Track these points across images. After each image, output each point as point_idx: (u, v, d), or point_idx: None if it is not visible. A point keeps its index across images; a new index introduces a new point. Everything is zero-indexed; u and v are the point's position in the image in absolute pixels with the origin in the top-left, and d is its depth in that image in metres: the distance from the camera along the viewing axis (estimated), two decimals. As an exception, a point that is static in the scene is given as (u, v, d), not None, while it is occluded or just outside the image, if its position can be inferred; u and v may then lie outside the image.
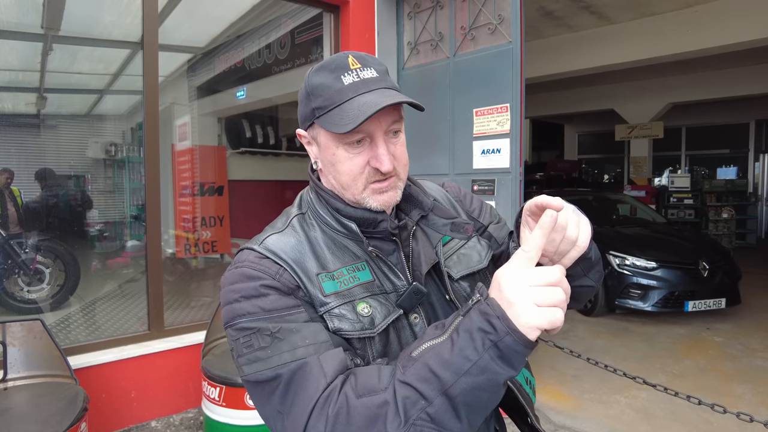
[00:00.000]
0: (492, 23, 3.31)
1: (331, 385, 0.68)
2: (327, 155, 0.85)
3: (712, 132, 12.22)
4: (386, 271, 0.85)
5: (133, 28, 4.12)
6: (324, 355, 0.72)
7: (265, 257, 0.81)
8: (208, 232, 5.15)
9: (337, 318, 0.78)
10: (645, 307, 5.20)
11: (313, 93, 0.82)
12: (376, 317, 0.80)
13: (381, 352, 0.80)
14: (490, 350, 0.61)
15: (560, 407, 3.40)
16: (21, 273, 4.06)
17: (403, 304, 0.83)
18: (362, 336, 0.78)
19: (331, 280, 0.81)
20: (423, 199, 0.93)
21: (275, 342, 0.73)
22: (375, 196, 0.84)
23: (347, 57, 0.82)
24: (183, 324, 3.36)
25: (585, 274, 0.90)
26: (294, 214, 0.91)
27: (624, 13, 6.61)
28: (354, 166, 0.82)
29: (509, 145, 3.22)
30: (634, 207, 7.37)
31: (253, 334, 0.74)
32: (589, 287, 0.95)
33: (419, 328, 0.84)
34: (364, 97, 0.78)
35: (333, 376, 0.69)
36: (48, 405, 2.07)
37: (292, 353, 0.72)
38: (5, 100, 4.81)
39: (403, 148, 0.87)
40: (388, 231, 0.88)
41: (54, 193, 4.59)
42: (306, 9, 4.20)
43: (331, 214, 0.88)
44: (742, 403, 3.38)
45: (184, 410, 3.19)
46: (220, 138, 5.89)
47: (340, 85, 0.79)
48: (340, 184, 0.85)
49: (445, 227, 0.91)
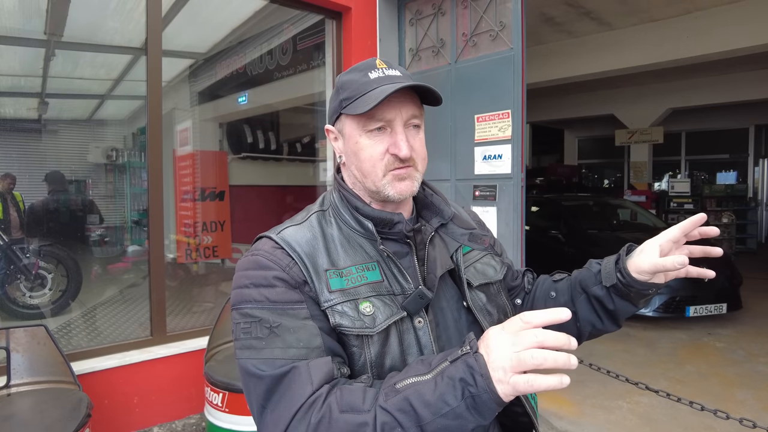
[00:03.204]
0: (493, 30, 3.33)
1: (317, 393, 0.72)
2: (350, 144, 0.90)
3: (712, 137, 12.24)
4: (396, 272, 0.88)
5: (135, 34, 4.14)
6: (313, 362, 0.75)
7: (280, 247, 0.85)
8: (209, 237, 5.15)
9: (338, 314, 0.81)
10: (646, 312, 5.19)
11: (342, 87, 0.89)
12: (378, 317, 0.82)
13: (379, 351, 0.82)
14: (467, 400, 0.66)
15: (562, 413, 3.40)
16: (23, 278, 4.05)
17: (408, 306, 0.85)
18: (361, 333, 0.81)
19: (339, 277, 0.84)
20: (444, 208, 0.97)
21: (271, 336, 0.77)
22: (394, 183, 0.88)
23: (375, 59, 0.90)
24: (185, 329, 3.35)
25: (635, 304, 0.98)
26: (315, 210, 0.95)
27: (624, 19, 6.64)
28: (375, 152, 0.87)
29: (510, 150, 3.23)
30: (634, 212, 7.38)
31: (253, 323, 0.79)
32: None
33: (423, 332, 0.86)
34: (387, 87, 0.83)
35: (319, 385, 0.73)
36: (52, 411, 2.07)
37: (283, 351, 0.76)
38: (7, 105, 4.81)
39: (422, 143, 0.93)
40: (402, 233, 0.91)
41: (57, 198, 4.59)
42: (308, 15, 4.22)
43: (350, 213, 0.92)
44: (745, 409, 3.37)
45: (187, 416, 3.18)
46: (222, 143, 5.89)
47: (367, 79, 0.86)
48: (361, 172, 0.89)
49: (463, 237, 0.96)
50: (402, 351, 0.84)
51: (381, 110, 0.85)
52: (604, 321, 1.00)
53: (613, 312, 0.97)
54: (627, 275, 0.91)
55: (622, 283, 0.92)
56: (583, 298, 1.00)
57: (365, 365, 0.82)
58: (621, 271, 0.92)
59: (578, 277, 1.03)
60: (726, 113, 11.20)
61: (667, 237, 0.90)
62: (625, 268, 0.92)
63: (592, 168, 14.78)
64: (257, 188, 5.81)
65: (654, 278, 0.91)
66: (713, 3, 6.04)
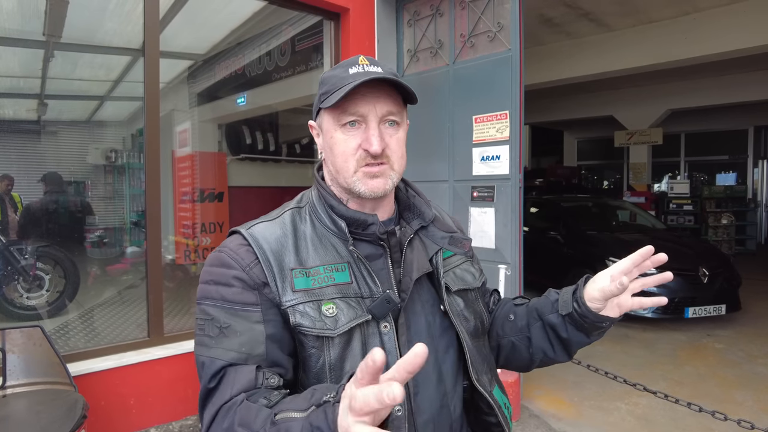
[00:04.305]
0: (491, 31, 3.33)
1: (231, 401, 0.75)
2: (327, 139, 0.90)
3: (711, 138, 12.24)
4: (365, 275, 0.86)
5: (134, 35, 4.14)
6: (240, 368, 0.78)
7: (246, 245, 0.86)
8: (207, 239, 5.15)
9: (299, 314, 0.81)
10: (645, 313, 5.19)
11: (322, 83, 0.89)
12: (341, 319, 0.82)
13: (339, 354, 0.82)
14: None
15: (561, 414, 3.39)
16: (20, 279, 4.05)
17: (374, 310, 0.84)
18: (320, 335, 0.81)
19: (305, 276, 0.84)
20: (425, 210, 0.96)
21: (220, 336, 0.80)
22: (365, 180, 0.86)
23: (359, 56, 0.89)
24: (182, 331, 3.34)
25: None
26: (290, 207, 0.94)
27: (622, 20, 6.65)
28: (347, 147, 0.86)
29: (509, 151, 3.23)
30: (634, 213, 7.38)
31: (207, 320, 0.82)
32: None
33: (388, 338, 0.85)
34: (361, 80, 0.83)
35: (237, 392, 0.75)
36: (47, 412, 2.06)
37: (225, 352, 0.79)
38: (6, 106, 4.82)
39: (400, 142, 0.90)
40: (376, 235, 0.89)
41: (54, 199, 4.59)
42: (306, 16, 4.22)
43: (325, 211, 0.91)
44: (743, 410, 3.37)
45: (184, 417, 3.17)
46: (221, 144, 5.90)
47: (346, 74, 0.86)
48: (335, 167, 0.89)
49: (443, 240, 0.94)
50: (364, 355, 0.82)
51: (354, 104, 0.84)
52: (557, 350, 1.00)
53: (566, 341, 0.98)
54: (583, 305, 0.92)
55: (578, 312, 0.93)
56: (538, 324, 1.01)
57: (323, 368, 0.82)
58: (577, 300, 0.93)
59: (536, 305, 1.03)
60: (725, 114, 11.21)
61: (618, 269, 0.90)
62: (581, 298, 0.93)
63: (591, 169, 14.78)
64: (256, 189, 5.82)
65: (607, 310, 0.92)
66: (712, 4, 6.05)
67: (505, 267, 3.23)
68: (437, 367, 0.91)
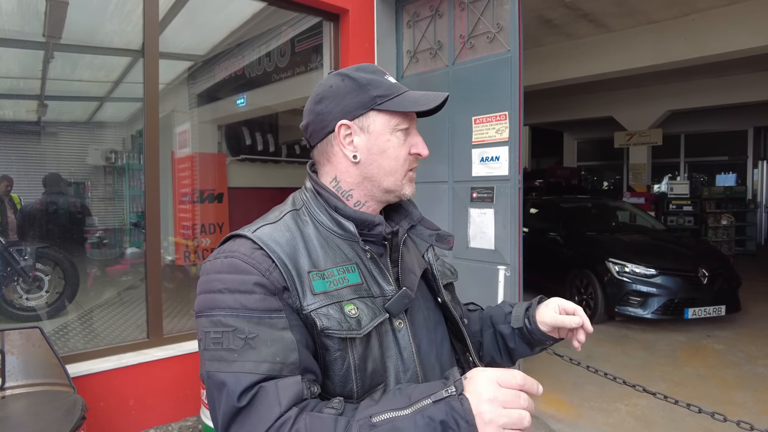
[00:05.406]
0: (491, 32, 3.33)
1: (285, 416, 0.68)
2: (379, 142, 0.89)
3: (711, 139, 12.25)
4: (376, 274, 0.87)
5: (134, 36, 4.14)
6: (282, 382, 0.71)
7: (259, 248, 0.80)
8: (207, 239, 5.15)
9: (325, 317, 0.78)
10: (645, 314, 5.19)
11: (370, 84, 0.88)
12: (363, 319, 0.81)
13: (362, 354, 0.81)
14: None
15: (560, 415, 3.39)
16: (20, 280, 4.04)
17: (391, 308, 0.85)
18: (348, 336, 0.79)
19: (322, 279, 0.81)
20: (413, 210, 1.00)
21: (245, 348, 0.72)
22: (410, 184, 0.93)
23: (376, 65, 0.94)
24: (182, 332, 3.34)
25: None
26: (287, 210, 0.91)
27: (622, 21, 6.65)
28: (403, 151, 0.90)
29: (508, 152, 3.23)
30: (634, 214, 7.37)
31: (226, 332, 0.73)
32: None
33: (402, 334, 0.86)
34: (414, 92, 0.90)
35: (287, 407, 0.69)
36: (46, 413, 2.06)
37: (256, 365, 0.71)
38: (6, 107, 4.82)
39: None
40: (381, 235, 0.91)
41: (54, 200, 4.59)
42: (306, 18, 4.23)
43: (327, 213, 0.89)
44: (743, 411, 3.36)
45: (183, 418, 3.17)
46: (220, 145, 5.90)
47: (390, 82, 0.90)
48: (383, 170, 0.90)
49: (431, 237, 0.98)
50: (381, 354, 0.84)
51: (413, 113, 0.90)
52: (503, 356, 1.11)
53: (512, 350, 1.09)
54: (533, 323, 1.03)
55: (527, 329, 1.04)
56: (490, 332, 1.12)
57: (349, 371, 0.80)
58: (529, 318, 1.04)
59: (490, 313, 1.14)
60: (725, 115, 11.21)
61: (566, 305, 1.02)
62: (533, 316, 1.04)
63: (591, 170, 14.79)
64: (256, 190, 5.82)
65: (552, 332, 1.04)
66: (711, 5, 6.05)
67: (504, 268, 3.23)
68: (439, 358, 0.95)
